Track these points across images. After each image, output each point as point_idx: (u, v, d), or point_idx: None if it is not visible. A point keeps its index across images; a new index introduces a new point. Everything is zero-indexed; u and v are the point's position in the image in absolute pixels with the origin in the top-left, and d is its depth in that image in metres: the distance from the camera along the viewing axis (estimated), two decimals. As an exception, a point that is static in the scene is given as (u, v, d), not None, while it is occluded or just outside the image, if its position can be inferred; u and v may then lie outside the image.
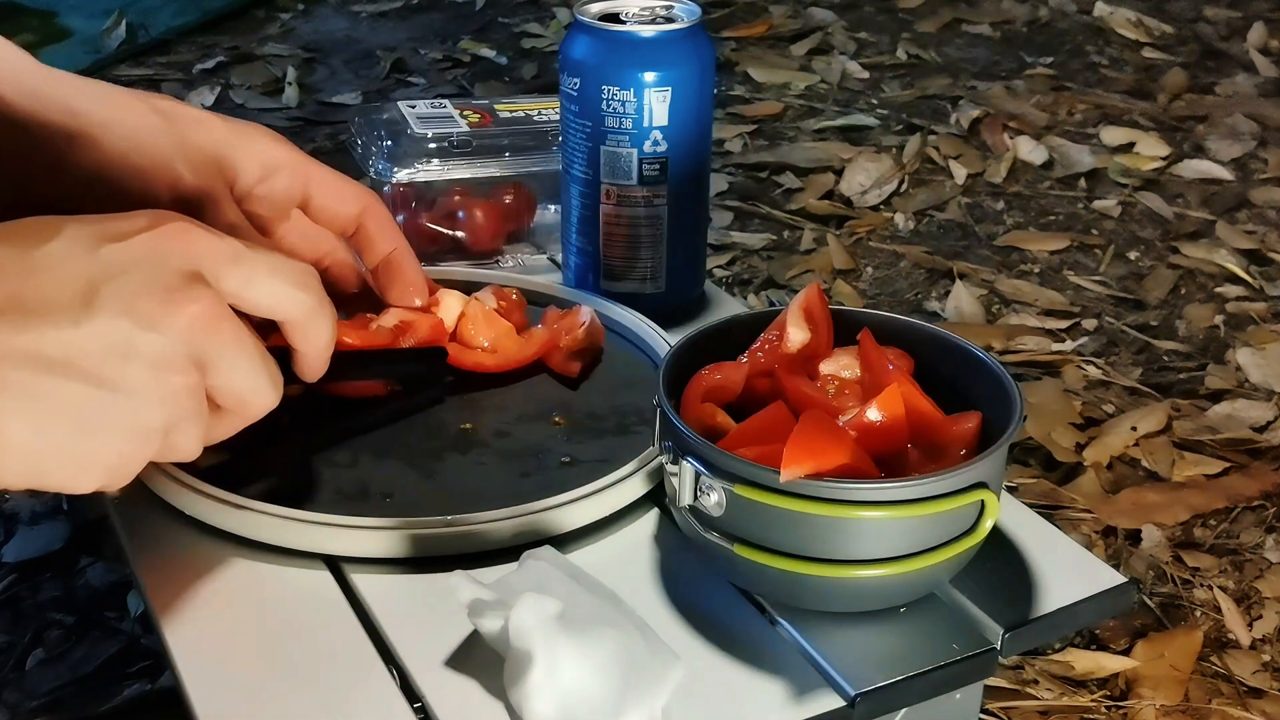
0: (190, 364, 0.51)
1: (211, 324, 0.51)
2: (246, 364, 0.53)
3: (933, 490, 0.57)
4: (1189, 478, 1.30)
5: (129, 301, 0.49)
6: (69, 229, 0.50)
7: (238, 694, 0.57)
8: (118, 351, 0.49)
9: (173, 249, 0.51)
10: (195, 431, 0.53)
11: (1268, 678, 1.06)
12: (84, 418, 0.49)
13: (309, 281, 0.56)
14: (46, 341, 0.48)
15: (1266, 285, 1.66)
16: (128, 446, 0.50)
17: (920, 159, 1.98)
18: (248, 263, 0.53)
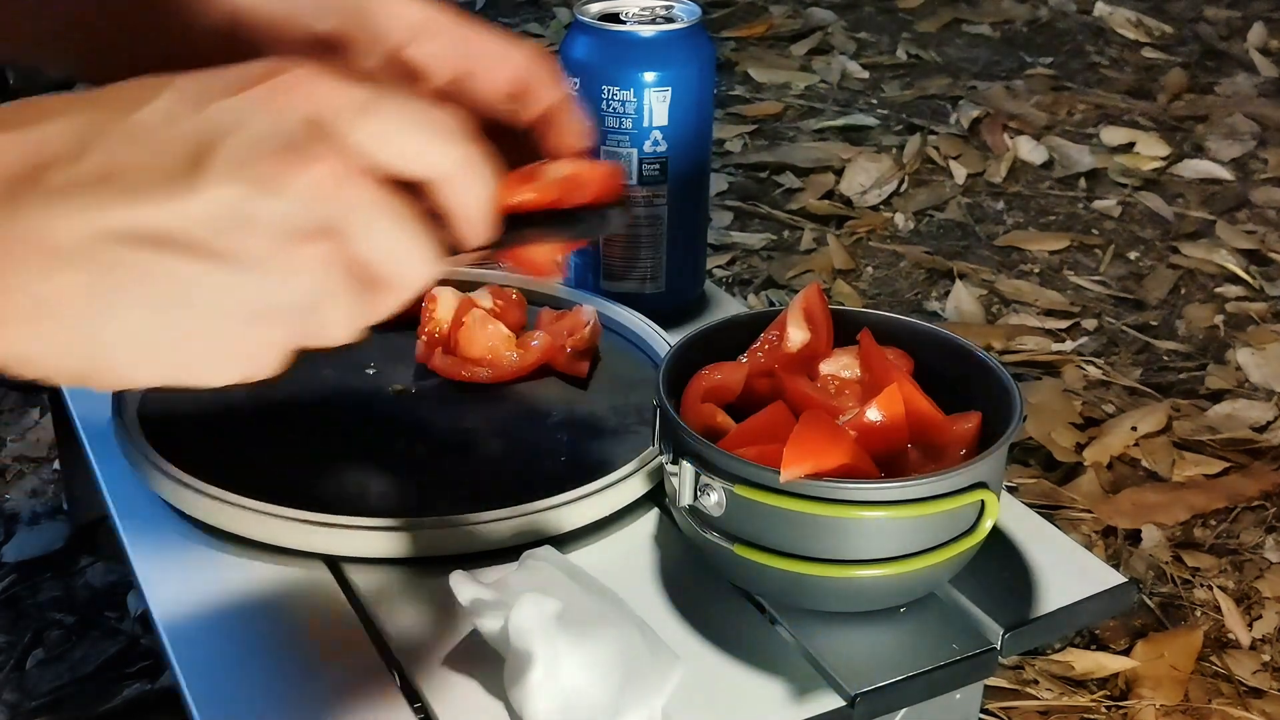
0: (319, 230, 0.44)
1: (340, 182, 0.44)
2: (388, 225, 0.46)
3: (933, 490, 0.57)
4: (1189, 478, 1.30)
5: (243, 162, 0.43)
6: (174, 84, 0.44)
7: (238, 694, 0.57)
8: (234, 221, 0.42)
9: (292, 99, 0.44)
10: (342, 309, 0.46)
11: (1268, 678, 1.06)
12: (205, 299, 0.43)
13: (456, 130, 0.48)
14: (152, 214, 0.42)
15: (1266, 285, 1.66)
16: (261, 330, 0.44)
17: (920, 159, 1.98)
18: (381, 111, 0.46)
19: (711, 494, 0.58)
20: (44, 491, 1.20)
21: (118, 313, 0.42)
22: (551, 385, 0.80)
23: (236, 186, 0.42)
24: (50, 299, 0.41)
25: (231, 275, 0.43)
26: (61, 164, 0.41)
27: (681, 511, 0.61)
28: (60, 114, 0.43)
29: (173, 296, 0.42)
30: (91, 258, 0.41)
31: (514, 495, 0.67)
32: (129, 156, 0.42)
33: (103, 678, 0.99)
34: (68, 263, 0.41)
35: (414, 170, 0.47)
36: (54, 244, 0.41)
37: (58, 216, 0.41)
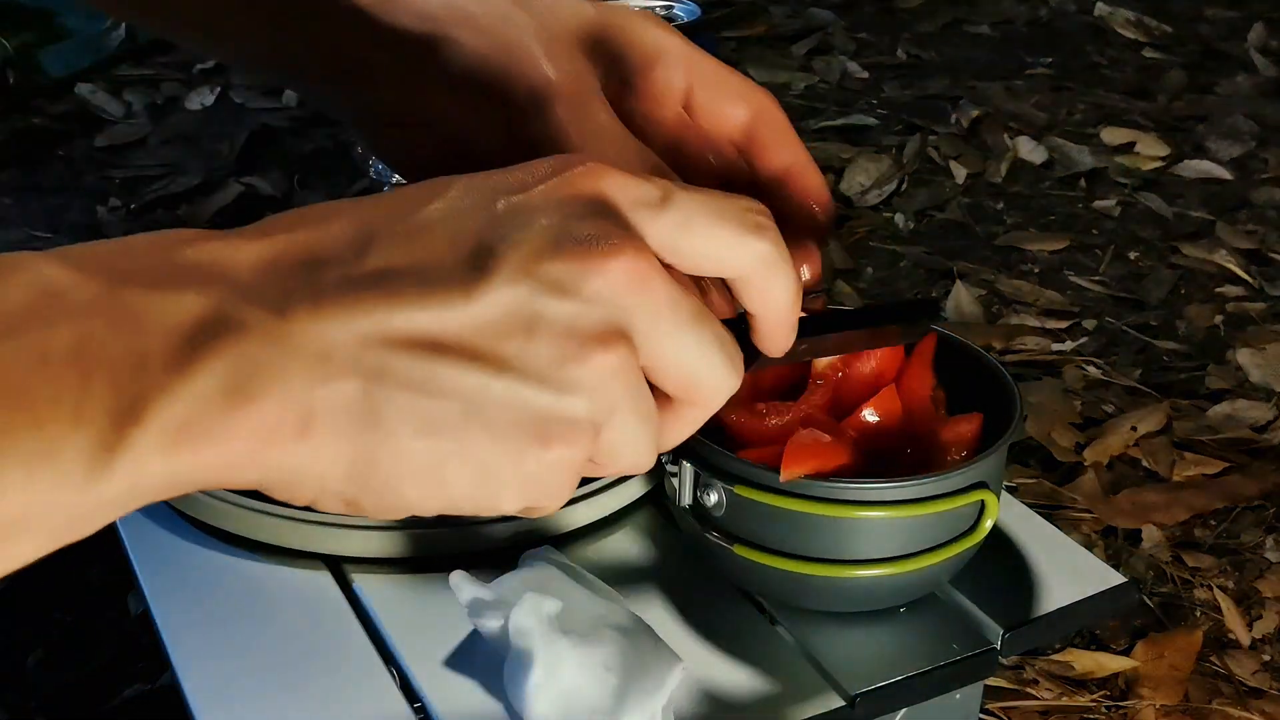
0: (614, 334, 0.39)
1: (638, 281, 0.39)
2: (691, 331, 0.41)
3: (933, 490, 0.57)
4: (1189, 478, 1.30)
5: (529, 261, 0.38)
6: (459, 185, 0.41)
7: (238, 694, 0.57)
8: (519, 325, 0.38)
9: (583, 193, 0.40)
10: (636, 427, 0.41)
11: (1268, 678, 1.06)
12: (488, 414, 0.38)
13: (763, 223, 0.43)
14: (430, 318, 0.37)
15: (1266, 285, 1.66)
16: (553, 451, 0.39)
17: (920, 159, 1.98)
18: (682, 204, 0.41)
19: (711, 494, 0.58)
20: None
21: (391, 428, 0.37)
22: (551, 385, 0.80)
23: (523, 287, 0.38)
24: (318, 412, 0.36)
25: (516, 385, 0.38)
26: (337, 263, 0.38)
27: (681, 511, 0.61)
28: (340, 215, 0.39)
29: (450, 410, 0.38)
30: (364, 365, 0.37)
31: (514, 495, 0.67)
32: (408, 256, 0.38)
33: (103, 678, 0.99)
34: (338, 371, 0.37)
35: (720, 269, 0.43)
36: (324, 350, 0.37)
37: (328, 319, 0.37)
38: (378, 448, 0.37)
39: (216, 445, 0.35)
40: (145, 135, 2.04)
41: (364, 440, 0.37)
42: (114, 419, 0.33)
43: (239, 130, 2.03)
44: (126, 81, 2.22)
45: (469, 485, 0.39)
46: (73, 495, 0.34)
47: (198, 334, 0.35)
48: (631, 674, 0.54)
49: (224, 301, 0.36)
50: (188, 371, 0.34)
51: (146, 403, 0.34)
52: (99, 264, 0.36)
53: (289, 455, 0.37)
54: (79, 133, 2.04)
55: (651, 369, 0.41)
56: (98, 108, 2.12)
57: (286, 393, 0.36)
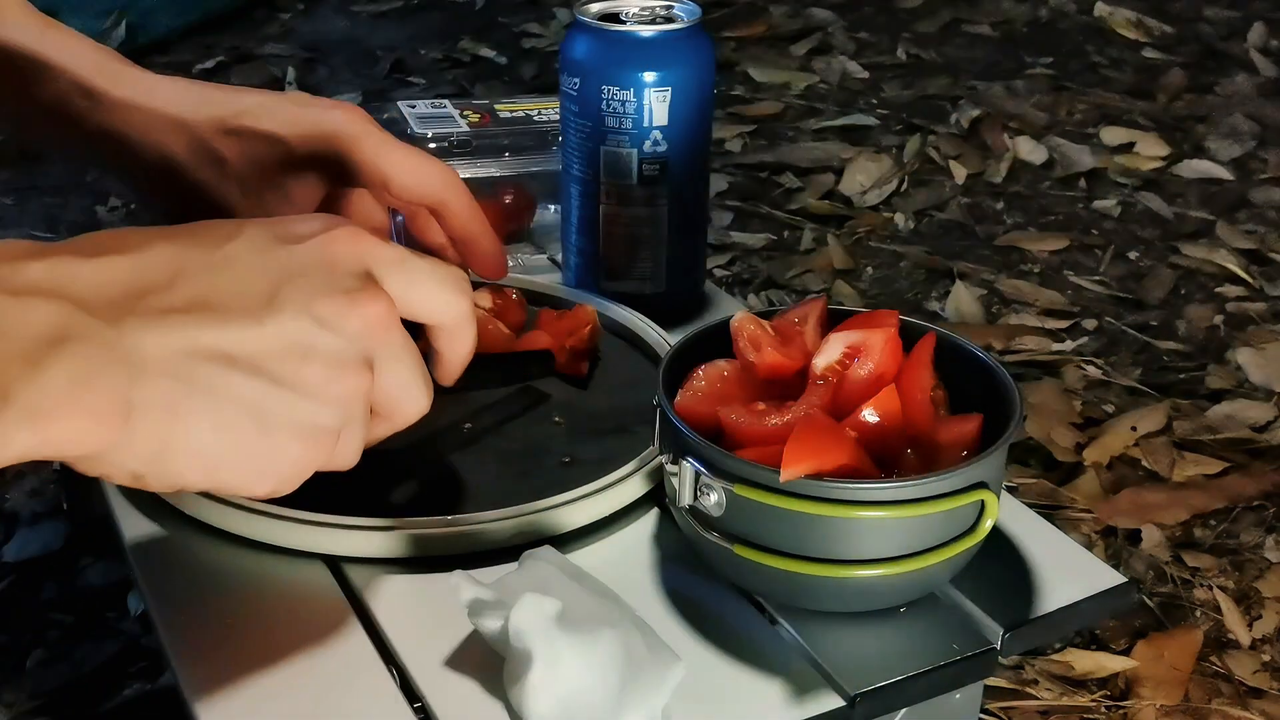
0: (363, 365, 0.52)
1: (384, 326, 0.52)
2: (408, 367, 0.54)
3: (933, 490, 0.57)
4: (1189, 478, 1.30)
5: (308, 302, 0.50)
6: (248, 231, 0.52)
7: (238, 694, 0.57)
8: (298, 351, 0.50)
9: (345, 251, 0.52)
10: (359, 435, 0.54)
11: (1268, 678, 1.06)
12: (262, 417, 0.49)
13: (464, 287, 0.57)
14: (230, 339, 0.48)
15: (1266, 285, 1.66)
16: (303, 449, 0.51)
17: (920, 159, 1.98)
18: (412, 267, 0.54)
19: (711, 494, 0.58)
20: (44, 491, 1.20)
21: (192, 421, 0.48)
22: (551, 385, 0.80)
23: (303, 320, 0.50)
24: (139, 404, 0.46)
25: (290, 398, 0.49)
26: (158, 290, 0.48)
27: (681, 511, 0.61)
28: (155, 244, 0.49)
29: (239, 411, 0.49)
30: (175, 370, 0.47)
31: (514, 495, 0.67)
32: (213, 288, 0.49)
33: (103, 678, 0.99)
34: (159, 373, 0.47)
35: (429, 316, 0.56)
36: (145, 358, 0.47)
37: (154, 334, 0.47)
38: (176, 436, 0.48)
39: (63, 423, 0.45)
40: (145, 135, 2.03)
41: (164, 428, 0.47)
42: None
43: (239, 130, 2.02)
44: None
45: (238, 471, 0.50)
46: None
47: (49, 338, 0.44)
48: (631, 674, 0.54)
49: (69, 315, 0.45)
50: (40, 368, 0.44)
51: (11, 390, 0.43)
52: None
53: (111, 437, 0.46)
54: (79, 133, 2.03)
55: (379, 390, 0.53)
56: (98, 108, 2.11)
57: (114, 388, 0.46)
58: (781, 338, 0.66)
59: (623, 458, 0.71)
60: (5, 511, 1.16)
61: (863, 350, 0.63)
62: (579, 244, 0.89)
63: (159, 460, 0.48)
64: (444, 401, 0.78)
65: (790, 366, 0.64)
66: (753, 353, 0.65)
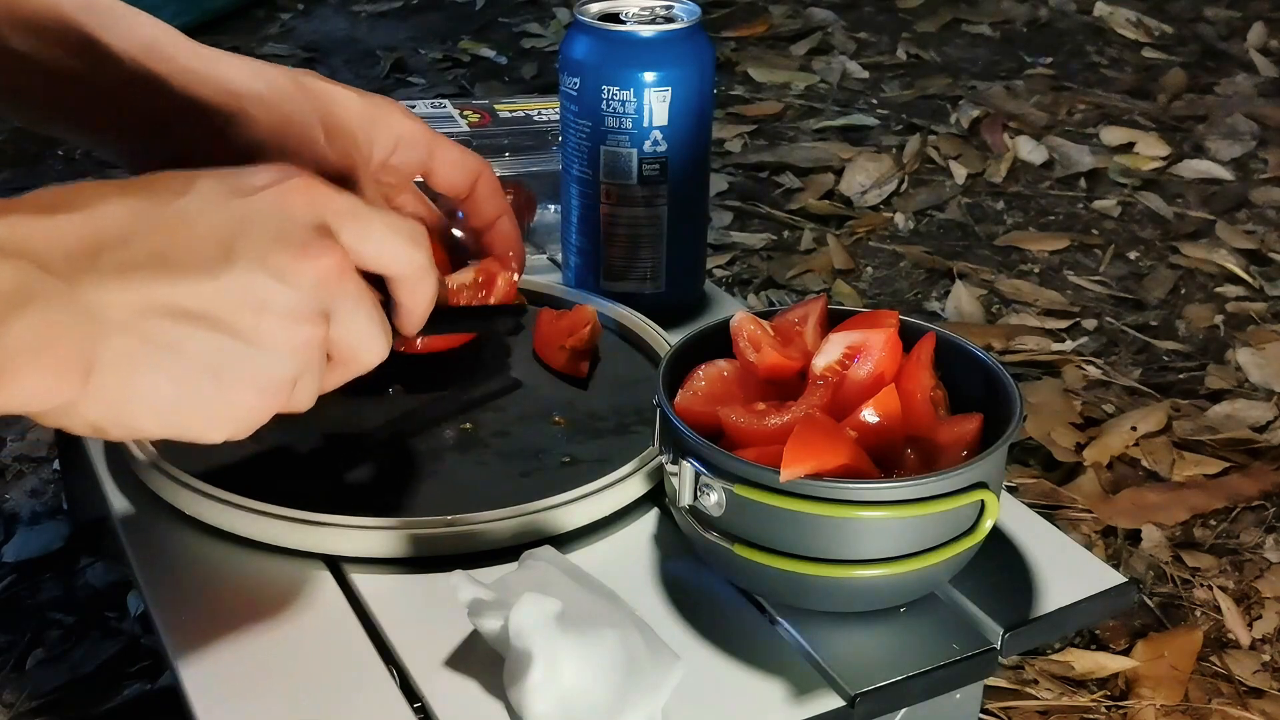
0: (318, 316, 0.52)
1: (338, 277, 0.52)
2: (365, 317, 0.55)
3: (933, 490, 0.57)
4: (1189, 478, 1.30)
5: (262, 254, 0.50)
6: (200, 183, 0.52)
7: (238, 694, 0.57)
8: (253, 304, 0.50)
9: (298, 203, 0.53)
10: (315, 383, 0.54)
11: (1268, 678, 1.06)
12: (220, 369, 0.50)
13: (420, 239, 0.57)
14: (186, 293, 0.49)
15: (1266, 285, 1.66)
16: (259, 398, 0.52)
17: (920, 159, 1.98)
18: (366, 218, 0.55)
19: (711, 494, 0.58)
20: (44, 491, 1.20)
21: (151, 374, 0.49)
22: (551, 385, 0.80)
23: (258, 273, 0.50)
24: (100, 360, 0.47)
25: (245, 350, 0.50)
26: (115, 247, 0.48)
27: (681, 511, 0.61)
28: (110, 199, 0.49)
29: (197, 364, 0.49)
30: (133, 326, 0.48)
31: (514, 495, 0.67)
32: (169, 243, 0.49)
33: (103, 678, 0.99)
34: (118, 330, 0.48)
35: (385, 267, 0.56)
36: (104, 314, 0.47)
37: (112, 291, 0.47)
38: (136, 390, 0.49)
39: (25, 381, 0.46)
40: (145, 135, 2.04)
41: (125, 382, 0.48)
42: None
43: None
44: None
45: (193, 420, 0.51)
46: None
47: (10, 298, 0.45)
48: (631, 674, 0.54)
49: (28, 274, 0.46)
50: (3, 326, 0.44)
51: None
52: None
53: (70, 391, 0.47)
54: (79, 133, 2.04)
55: (334, 340, 0.54)
56: (98, 108, 2.12)
57: (75, 346, 0.47)
58: (781, 338, 0.66)
59: (623, 458, 0.71)
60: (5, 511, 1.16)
61: (863, 350, 0.63)
62: (579, 244, 0.89)
63: (118, 412, 0.49)
64: (445, 401, 0.78)
65: (790, 366, 0.64)
66: (753, 353, 0.65)
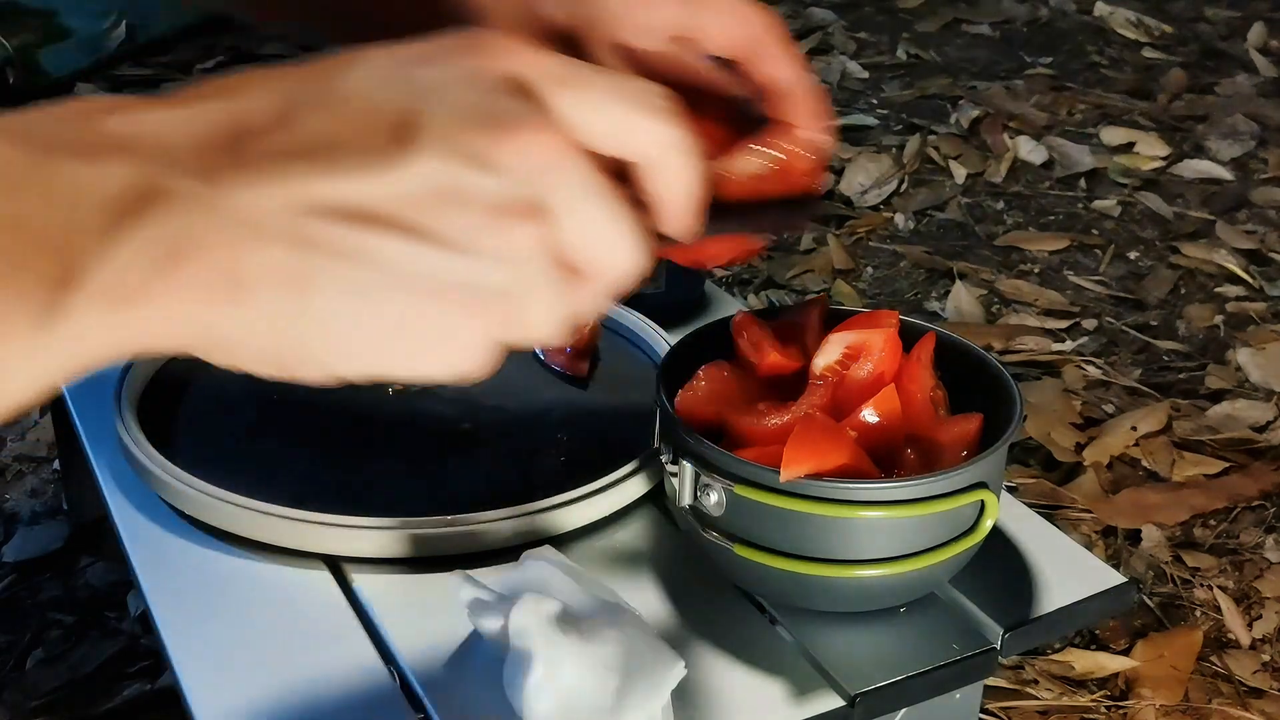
0: (530, 208, 0.40)
1: (551, 157, 0.41)
2: (599, 208, 0.42)
3: (933, 490, 0.57)
4: (1189, 478, 1.30)
5: (450, 134, 0.40)
6: (371, 55, 0.42)
7: (237, 694, 0.57)
8: (442, 196, 0.39)
9: (494, 67, 0.41)
10: (548, 299, 0.42)
11: (1268, 678, 1.06)
12: (411, 281, 0.39)
13: (668, 109, 0.43)
14: (356, 189, 0.39)
15: (1266, 285, 1.66)
16: (466, 319, 0.40)
17: (920, 159, 1.98)
18: (586, 82, 0.42)
19: (711, 494, 0.58)
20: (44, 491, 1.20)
21: (318, 294, 0.38)
22: (551, 385, 0.80)
23: (444, 160, 0.39)
24: (248, 277, 0.38)
25: (437, 255, 0.39)
26: (261, 134, 0.39)
27: (681, 511, 0.61)
28: (260, 85, 0.40)
29: (375, 277, 0.39)
30: (292, 233, 0.38)
31: (514, 495, 0.67)
32: (331, 127, 0.39)
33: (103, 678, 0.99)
34: (267, 238, 0.38)
35: (622, 149, 0.43)
36: (252, 218, 0.38)
37: (257, 188, 0.38)
38: (304, 312, 0.38)
39: (149, 306, 0.36)
40: (145, 135, 2.04)
41: (291, 304, 0.38)
42: (51, 285, 0.35)
43: (239, 130, 2.03)
44: (126, 81, 2.22)
45: (390, 349, 0.40)
46: (19, 359, 0.36)
47: (128, 202, 0.36)
48: (631, 674, 0.54)
49: (152, 170, 0.37)
50: (120, 238, 0.36)
51: (82, 268, 0.35)
52: (28, 135, 0.37)
53: (220, 317, 0.38)
54: (79, 133, 2.04)
55: (565, 243, 0.41)
56: (98, 108, 2.12)
57: (216, 257, 0.37)
58: (781, 338, 0.66)
59: (623, 458, 0.71)
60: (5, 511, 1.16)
61: (863, 350, 0.63)
62: (579, 244, 0.89)
63: (291, 343, 0.39)
64: (445, 401, 0.78)
65: (790, 366, 0.64)
66: (753, 353, 0.65)
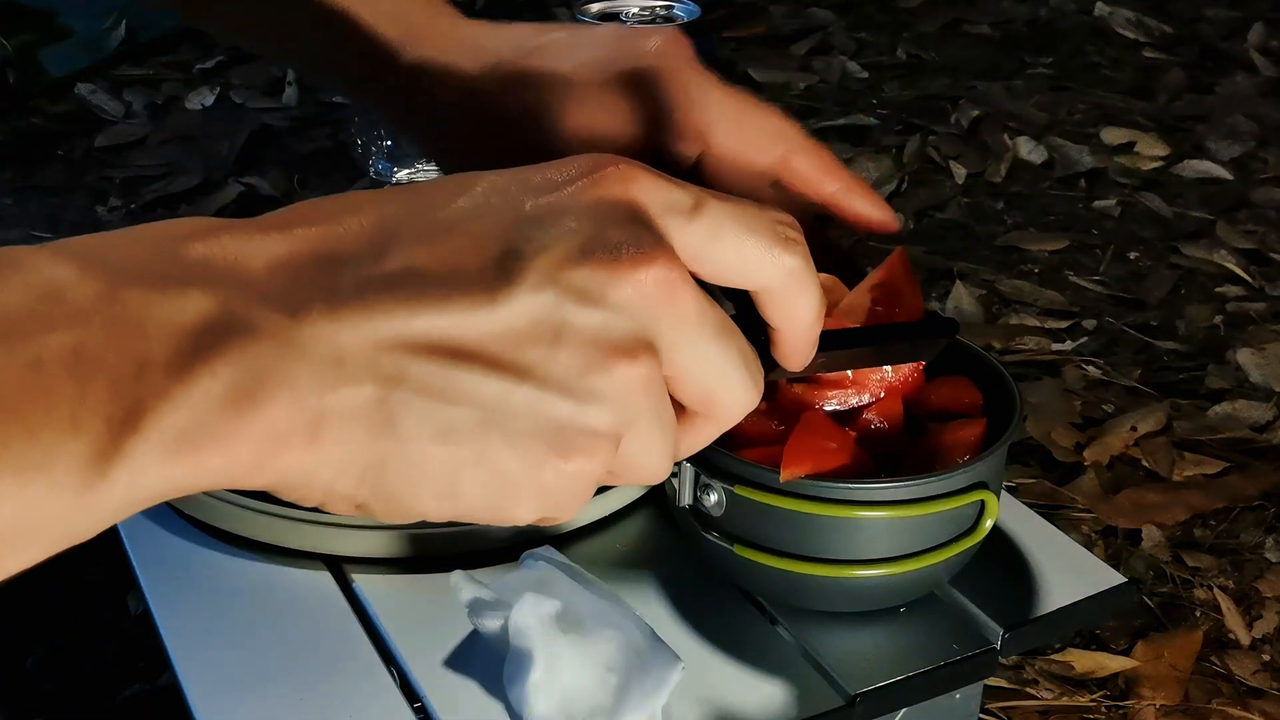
0: (640, 345, 0.38)
1: (667, 291, 0.38)
2: (717, 346, 0.40)
3: (933, 490, 0.57)
4: (1189, 478, 1.30)
5: (557, 267, 0.37)
6: (486, 179, 0.39)
7: (238, 694, 0.57)
8: (544, 333, 0.37)
9: (613, 196, 0.39)
10: (657, 439, 0.40)
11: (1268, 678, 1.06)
12: (507, 424, 0.37)
13: (794, 238, 0.42)
14: (453, 325, 0.36)
15: (1266, 285, 1.66)
16: (567, 462, 0.38)
17: (920, 159, 1.98)
18: (713, 212, 0.40)
19: (711, 494, 0.58)
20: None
21: (408, 433, 0.36)
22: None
23: (549, 294, 0.37)
24: (330, 419, 0.35)
25: (538, 394, 0.37)
26: (356, 263, 0.36)
27: (681, 511, 0.61)
28: (361, 210, 0.38)
29: (469, 418, 0.37)
30: (380, 371, 0.35)
31: (514, 495, 0.67)
32: (431, 258, 0.37)
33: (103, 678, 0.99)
34: (353, 377, 0.35)
35: (745, 281, 0.42)
36: (338, 352, 0.35)
37: (345, 323, 0.35)
38: (391, 455, 0.36)
39: (219, 452, 0.34)
40: (145, 135, 2.04)
41: (377, 447, 0.36)
42: (111, 427, 0.32)
43: (239, 130, 2.03)
44: (126, 81, 2.22)
45: (484, 495, 0.38)
46: (68, 506, 0.33)
47: (203, 337, 0.33)
48: (631, 674, 0.54)
49: (233, 302, 0.34)
50: (190, 376, 0.33)
51: (145, 410, 0.32)
52: (102, 261, 0.34)
53: (298, 461, 0.35)
54: (79, 133, 2.04)
55: (673, 380, 0.40)
56: (98, 108, 2.12)
57: (296, 398, 0.34)
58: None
59: (623, 458, 0.70)
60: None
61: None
62: (579, 244, 0.89)
63: (376, 486, 0.37)
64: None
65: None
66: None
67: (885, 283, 0.60)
